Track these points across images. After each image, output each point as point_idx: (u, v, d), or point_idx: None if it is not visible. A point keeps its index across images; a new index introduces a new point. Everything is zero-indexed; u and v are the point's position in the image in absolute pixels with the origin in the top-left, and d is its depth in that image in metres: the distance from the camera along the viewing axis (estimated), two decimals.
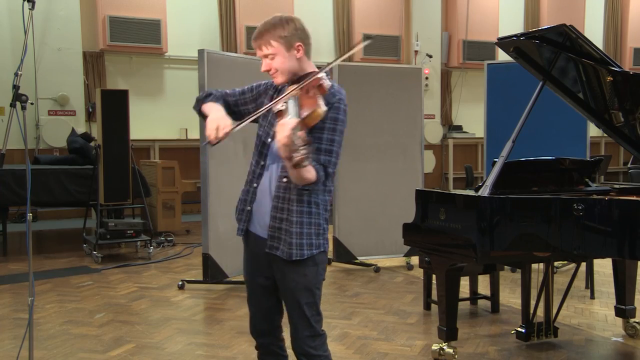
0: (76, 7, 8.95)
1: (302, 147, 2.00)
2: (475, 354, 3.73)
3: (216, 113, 2.31)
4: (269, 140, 2.35)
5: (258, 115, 2.35)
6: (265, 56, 2.31)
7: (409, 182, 5.92)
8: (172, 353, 3.75)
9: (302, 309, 2.30)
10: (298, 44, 2.30)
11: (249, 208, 2.38)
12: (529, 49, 3.41)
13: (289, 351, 2.51)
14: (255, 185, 2.36)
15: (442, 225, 3.38)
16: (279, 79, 2.33)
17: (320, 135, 2.23)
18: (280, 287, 2.37)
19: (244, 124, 2.29)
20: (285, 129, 2.00)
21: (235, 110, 2.47)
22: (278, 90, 2.41)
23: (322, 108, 2.15)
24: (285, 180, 2.26)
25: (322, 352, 2.33)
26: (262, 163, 2.36)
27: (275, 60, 2.30)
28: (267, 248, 2.31)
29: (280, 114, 2.17)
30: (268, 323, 2.45)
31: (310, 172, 2.16)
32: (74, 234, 7.73)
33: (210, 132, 2.22)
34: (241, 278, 5.35)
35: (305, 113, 2.12)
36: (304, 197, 2.26)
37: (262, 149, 2.37)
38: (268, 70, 2.33)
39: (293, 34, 2.30)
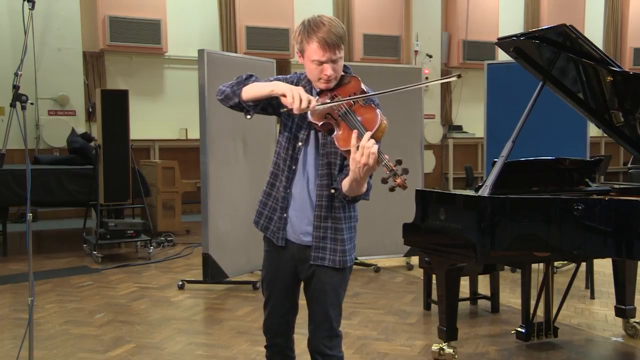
0: (76, 7, 8.95)
1: (393, 167, 1.97)
2: (475, 354, 3.73)
3: (285, 85, 2.18)
4: (300, 144, 2.29)
5: (346, 100, 2.18)
6: (334, 61, 2.21)
7: (409, 182, 5.90)
8: (172, 353, 3.75)
9: (326, 309, 2.31)
10: None
11: (285, 215, 2.33)
12: (529, 49, 3.41)
13: (298, 351, 2.53)
14: (289, 190, 2.32)
15: (442, 225, 3.38)
16: (332, 84, 2.25)
17: None
18: (307, 287, 2.37)
19: (329, 105, 2.16)
20: (370, 151, 1.97)
21: (273, 103, 2.32)
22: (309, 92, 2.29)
23: (385, 120, 2.10)
24: (333, 191, 2.23)
25: (336, 353, 2.34)
26: (293, 167, 2.31)
27: (339, 64, 2.24)
28: (312, 260, 2.29)
29: (329, 125, 2.13)
30: (284, 324, 2.46)
31: (364, 186, 2.17)
32: (74, 234, 7.72)
33: (296, 101, 2.09)
34: (241, 278, 5.36)
35: (373, 127, 2.07)
36: (343, 202, 2.28)
37: (294, 153, 2.31)
38: (329, 75, 2.22)
39: None
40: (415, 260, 5.86)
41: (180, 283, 5.30)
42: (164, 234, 7.38)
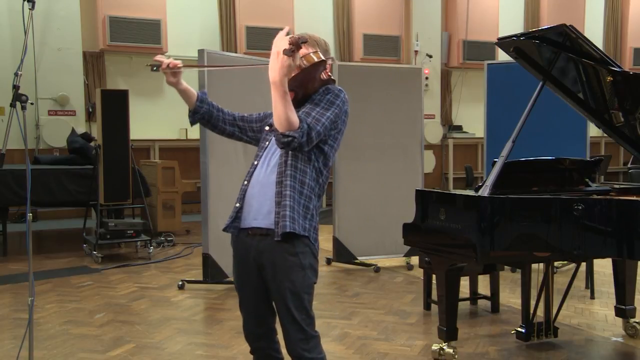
0: (76, 7, 8.95)
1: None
2: (475, 354, 3.73)
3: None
4: (267, 143, 2.43)
5: (226, 67, 2.54)
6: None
7: (409, 182, 5.91)
8: (172, 353, 3.75)
9: (291, 313, 2.28)
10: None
11: (237, 205, 2.44)
12: (529, 49, 3.41)
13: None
14: (245, 182, 2.42)
15: (442, 225, 3.38)
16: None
17: (313, 107, 2.28)
18: (269, 291, 2.35)
19: (197, 68, 2.43)
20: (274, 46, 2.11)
21: (240, 125, 2.61)
22: None
23: (314, 57, 2.21)
24: (267, 128, 2.35)
25: (316, 355, 2.31)
26: (255, 163, 2.43)
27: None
28: (276, 237, 2.26)
29: None
30: (262, 326, 2.44)
31: (293, 113, 2.16)
32: (74, 234, 7.73)
33: (164, 62, 2.42)
34: None
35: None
36: (298, 175, 2.27)
37: (259, 151, 2.45)
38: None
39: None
40: (415, 260, 5.86)
41: (180, 283, 5.30)
42: (164, 234, 7.38)
